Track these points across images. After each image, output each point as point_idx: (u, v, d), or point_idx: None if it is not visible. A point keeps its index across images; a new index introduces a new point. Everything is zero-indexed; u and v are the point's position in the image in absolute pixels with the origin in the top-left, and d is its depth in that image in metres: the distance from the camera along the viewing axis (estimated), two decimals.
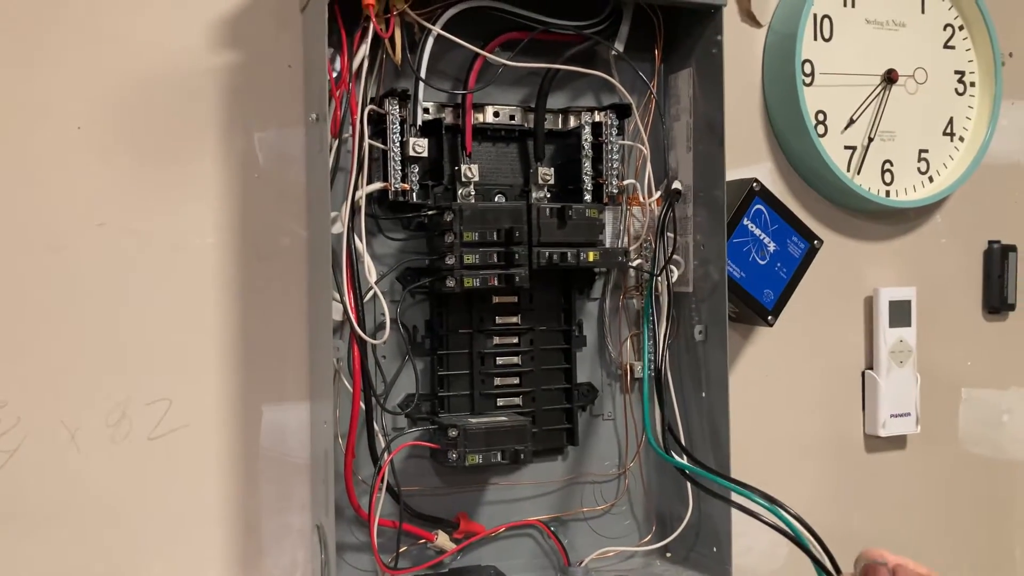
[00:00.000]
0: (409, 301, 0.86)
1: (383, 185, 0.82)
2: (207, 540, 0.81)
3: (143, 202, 0.79)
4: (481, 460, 0.80)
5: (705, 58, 0.89)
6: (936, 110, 1.09)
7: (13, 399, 0.75)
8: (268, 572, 0.83)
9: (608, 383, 0.94)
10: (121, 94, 0.79)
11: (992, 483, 1.17)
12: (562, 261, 0.84)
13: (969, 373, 1.16)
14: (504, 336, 0.89)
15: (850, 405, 1.08)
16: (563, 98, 0.91)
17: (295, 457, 0.84)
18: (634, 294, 0.94)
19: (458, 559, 0.87)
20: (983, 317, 1.17)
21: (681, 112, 0.92)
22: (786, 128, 1.02)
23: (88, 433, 0.78)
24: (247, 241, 0.83)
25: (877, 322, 1.07)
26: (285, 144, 0.84)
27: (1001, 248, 1.16)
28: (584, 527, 0.93)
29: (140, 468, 0.79)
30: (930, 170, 1.09)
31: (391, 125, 0.81)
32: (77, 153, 0.78)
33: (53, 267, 0.77)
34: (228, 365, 0.82)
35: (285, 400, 0.84)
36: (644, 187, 0.91)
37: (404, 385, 0.86)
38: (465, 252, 0.81)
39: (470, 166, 0.85)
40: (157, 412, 0.80)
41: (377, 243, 0.84)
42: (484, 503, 0.89)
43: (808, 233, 0.98)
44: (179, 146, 0.81)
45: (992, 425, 1.17)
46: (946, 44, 1.10)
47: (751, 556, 1.00)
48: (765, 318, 0.96)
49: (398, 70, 0.83)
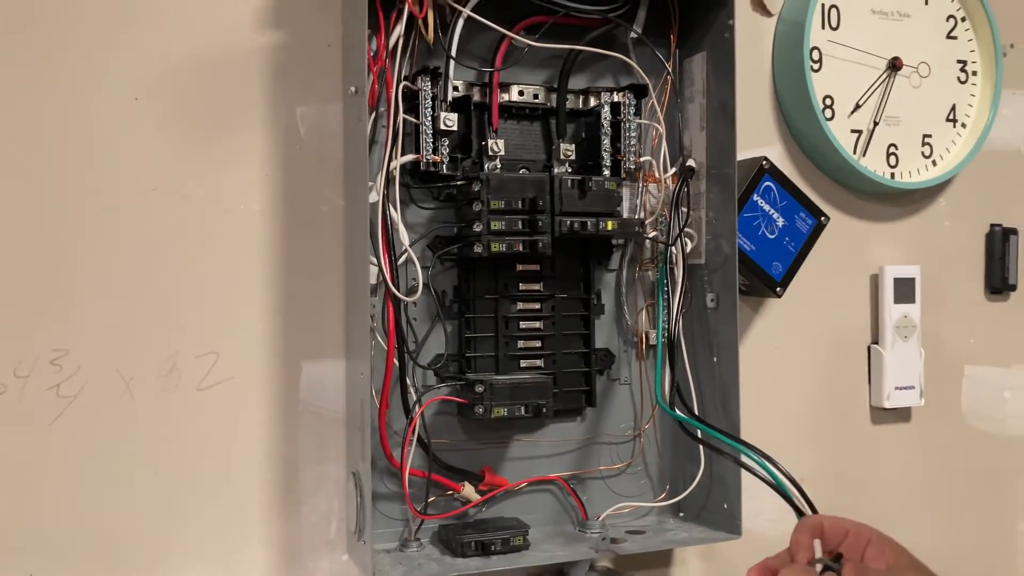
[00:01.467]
0: (438, 268, 0.92)
1: (416, 157, 0.87)
2: (250, 486, 0.87)
3: (194, 169, 0.85)
4: (506, 413, 0.86)
5: (718, 43, 0.94)
6: (939, 97, 1.14)
7: (74, 348, 0.81)
8: (306, 518, 0.88)
9: (625, 349, 0.99)
10: (175, 70, 0.85)
11: (994, 458, 1.21)
12: (582, 229, 0.89)
13: (972, 351, 1.20)
14: (527, 302, 0.94)
15: (856, 377, 1.13)
16: (584, 79, 0.96)
17: (331, 411, 0.89)
18: (649, 266, 0.99)
19: (482, 510, 0.92)
20: (985, 297, 1.21)
21: (695, 94, 0.98)
22: (795, 111, 1.08)
23: (141, 382, 0.83)
24: (289, 207, 0.88)
25: (882, 298, 1.12)
26: (324, 119, 0.90)
27: (1003, 231, 1.20)
28: (601, 485, 0.98)
29: (189, 417, 0.85)
30: (934, 154, 1.14)
31: (423, 100, 0.87)
32: (134, 122, 0.84)
33: (111, 227, 0.83)
34: (271, 322, 0.87)
35: (323, 357, 0.89)
36: (660, 164, 0.97)
37: (433, 346, 0.91)
38: (492, 219, 0.86)
39: (496, 141, 0.90)
40: (205, 365, 0.85)
41: (409, 212, 0.90)
42: (507, 459, 0.94)
43: (815, 209, 1.03)
44: (227, 118, 0.87)
45: (994, 402, 1.21)
46: (949, 34, 1.15)
47: (760, 520, 1.04)
48: (774, 289, 1.01)
49: (430, 49, 0.89)
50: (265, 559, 0.87)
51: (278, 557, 0.87)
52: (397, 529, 0.89)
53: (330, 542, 0.89)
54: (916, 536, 1.14)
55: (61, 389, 0.81)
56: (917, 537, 1.14)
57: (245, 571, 0.87)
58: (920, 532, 1.16)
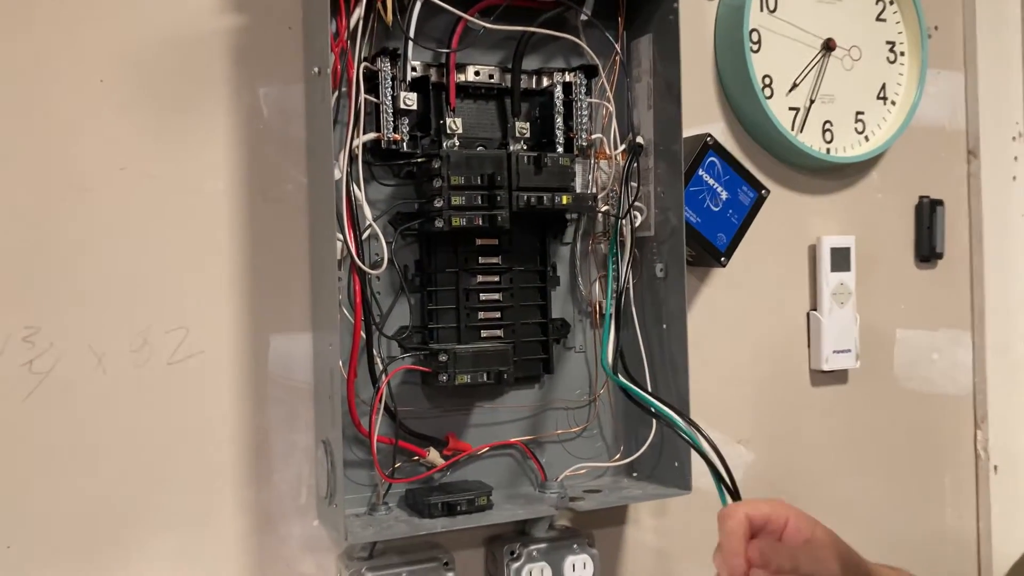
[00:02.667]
0: (400, 243, 0.95)
1: (377, 135, 0.90)
2: (221, 457, 0.89)
3: (160, 149, 0.87)
4: (469, 380, 0.90)
5: (664, 26, 0.99)
6: (870, 76, 1.21)
7: (46, 325, 0.83)
8: (276, 486, 0.91)
9: (579, 319, 1.04)
10: (140, 51, 0.87)
11: (923, 415, 1.29)
12: (539, 204, 0.93)
13: (903, 315, 1.27)
14: (486, 275, 0.98)
15: (796, 342, 1.20)
16: (537, 60, 1.00)
17: (299, 382, 0.92)
18: (602, 239, 1.04)
19: (447, 474, 0.96)
20: (915, 265, 1.29)
21: (642, 74, 1.02)
22: (736, 90, 1.13)
23: (113, 358, 0.85)
24: (254, 186, 0.91)
25: (820, 267, 1.18)
26: (286, 99, 0.92)
27: (930, 202, 1.28)
28: (559, 448, 1.02)
29: (160, 390, 0.87)
30: (866, 130, 1.21)
31: (383, 81, 0.90)
32: (100, 103, 0.85)
33: (80, 206, 0.84)
34: (239, 297, 0.90)
35: (290, 331, 0.92)
36: (610, 141, 1.01)
37: (397, 319, 0.95)
38: (453, 194, 0.90)
39: (454, 119, 0.93)
40: (175, 339, 0.88)
41: (370, 189, 0.93)
42: (470, 425, 0.98)
43: (756, 183, 1.09)
44: (191, 99, 0.89)
45: (923, 363, 1.29)
46: (878, 17, 1.21)
47: (708, 479, 1.10)
48: (719, 259, 1.06)
49: (389, 31, 0.91)
50: (239, 525, 0.90)
51: (251, 523, 0.90)
52: (365, 495, 0.92)
53: (301, 508, 0.92)
54: (851, 490, 1.22)
55: (34, 365, 0.83)
56: (852, 491, 1.22)
57: (220, 538, 0.89)
58: (855, 486, 1.24)
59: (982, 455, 1.33)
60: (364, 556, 0.92)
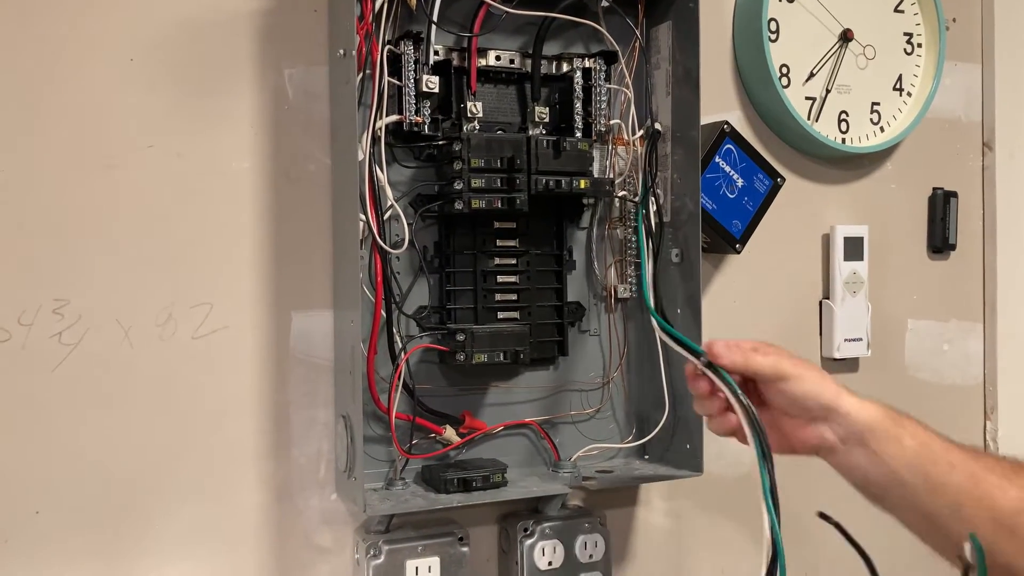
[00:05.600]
0: (420, 224, 0.97)
1: (399, 117, 0.92)
2: (242, 430, 0.91)
3: (187, 128, 0.89)
4: (486, 359, 0.92)
5: (683, 13, 1.00)
6: (887, 67, 1.22)
7: (75, 298, 0.85)
8: (296, 460, 0.94)
9: (594, 303, 1.05)
10: (169, 33, 0.88)
11: (933, 405, 1.30)
12: (557, 187, 0.94)
13: (915, 305, 1.28)
14: (504, 257, 0.99)
15: (809, 329, 1.21)
16: (557, 45, 1.01)
17: (320, 359, 0.94)
18: (618, 225, 1.05)
19: (462, 452, 0.98)
20: (928, 256, 1.30)
21: (661, 61, 1.04)
22: (754, 79, 1.14)
23: (140, 331, 0.87)
24: (278, 165, 0.93)
25: (833, 256, 1.19)
26: (311, 81, 0.94)
27: (944, 194, 1.28)
28: (572, 429, 1.04)
29: (184, 364, 0.89)
30: (881, 121, 1.22)
31: (406, 64, 0.92)
32: (130, 83, 0.87)
33: (109, 183, 0.86)
34: (262, 274, 0.92)
35: (312, 308, 0.94)
36: (628, 127, 1.03)
37: (416, 298, 0.97)
38: (472, 176, 0.91)
39: (475, 103, 0.95)
40: (200, 314, 0.90)
41: (392, 171, 0.94)
42: (485, 404, 1.00)
43: (772, 171, 1.10)
44: (218, 80, 0.90)
45: (934, 353, 1.30)
46: (896, 8, 1.22)
47: (720, 463, 1.12)
48: (733, 245, 1.08)
49: (412, 15, 0.93)
50: (258, 497, 0.92)
51: (271, 496, 0.93)
52: (382, 470, 0.94)
53: (319, 482, 0.94)
54: None
55: (63, 337, 0.85)
56: None
57: (239, 509, 0.92)
58: None
59: (991, 445, 1.34)
60: (381, 530, 0.94)
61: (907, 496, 0.74)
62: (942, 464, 0.73)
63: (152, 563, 0.88)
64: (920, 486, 0.73)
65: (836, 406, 0.76)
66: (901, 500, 0.74)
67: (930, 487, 0.72)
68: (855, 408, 0.76)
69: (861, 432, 0.76)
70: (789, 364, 0.77)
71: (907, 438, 0.75)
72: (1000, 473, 0.72)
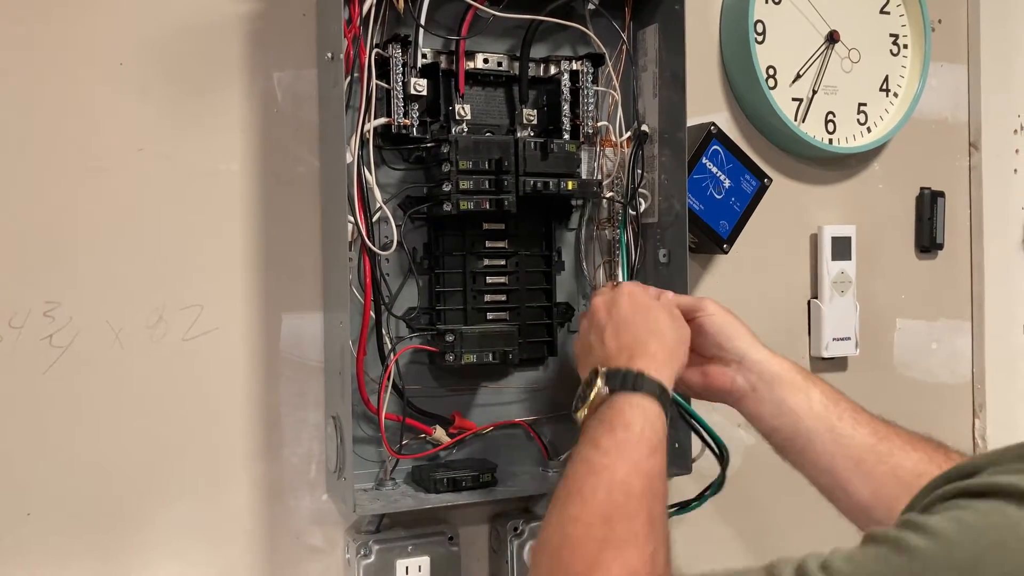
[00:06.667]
0: (408, 226, 0.97)
1: (387, 120, 0.93)
2: (233, 431, 0.92)
3: (176, 131, 0.90)
4: (475, 359, 0.92)
5: (670, 16, 1.01)
6: (873, 68, 1.23)
7: (66, 300, 0.86)
8: (287, 460, 0.94)
9: (583, 304, 1.06)
10: (158, 36, 0.89)
11: (922, 403, 1.31)
12: (545, 189, 0.95)
13: (903, 305, 1.29)
14: (493, 259, 1.00)
15: (797, 329, 1.22)
16: (544, 48, 1.02)
17: (310, 360, 0.95)
18: (606, 226, 1.06)
19: (453, 452, 0.99)
20: (915, 255, 1.31)
21: (648, 63, 1.04)
22: (740, 80, 1.15)
23: (130, 333, 0.88)
24: (267, 168, 0.93)
25: (821, 256, 1.20)
26: (299, 85, 0.95)
27: (931, 194, 1.29)
28: (561, 428, 1.04)
29: (175, 365, 0.90)
30: (868, 121, 1.23)
31: (394, 67, 0.92)
32: (119, 86, 0.88)
33: (99, 185, 0.87)
34: (252, 276, 0.93)
35: (302, 309, 0.94)
36: (616, 129, 1.03)
37: (405, 300, 0.97)
38: (461, 178, 0.92)
39: (463, 106, 0.96)
40: (190, 316, 0.90)
41: (380, 173, 0.95)
42: (476, 404, 1.01)
43: (759, 172, 1.11)
44: (208, 83, 0.91)
45: (923, 352, 1.31)
46: (882, 10, 1.23)
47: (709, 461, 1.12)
48: (721, 246, 1.08)
49: (400, 18, 0.94)
50: (249, 498, 0.93)
51: (262, 496, 0.93)
52: (372, 471, 0.95)
53: (310, 482, 0.95)
54: None
55: (54, 339, 0.85)
56: None
57: (230, 509, 0.92)
58: None
59: (980, 444, 1.34)
60: (371, 530, 0.94)
61: (811, 448, 0.76)
62: (847, 420, 0.77)
63: (144, 563, 0.89)
64: (825, 438, 0.75)
65: (748, 353, 0.81)
66: (805, 451, 0.77)
67: (833, 439, 0.75)
68: (766, 357, 0.81)
69: (771, 380, 0.79)
70: (711, 304, 0.84)
71: (815, 392, 0.79)
72: (905, 439, 0.75)
